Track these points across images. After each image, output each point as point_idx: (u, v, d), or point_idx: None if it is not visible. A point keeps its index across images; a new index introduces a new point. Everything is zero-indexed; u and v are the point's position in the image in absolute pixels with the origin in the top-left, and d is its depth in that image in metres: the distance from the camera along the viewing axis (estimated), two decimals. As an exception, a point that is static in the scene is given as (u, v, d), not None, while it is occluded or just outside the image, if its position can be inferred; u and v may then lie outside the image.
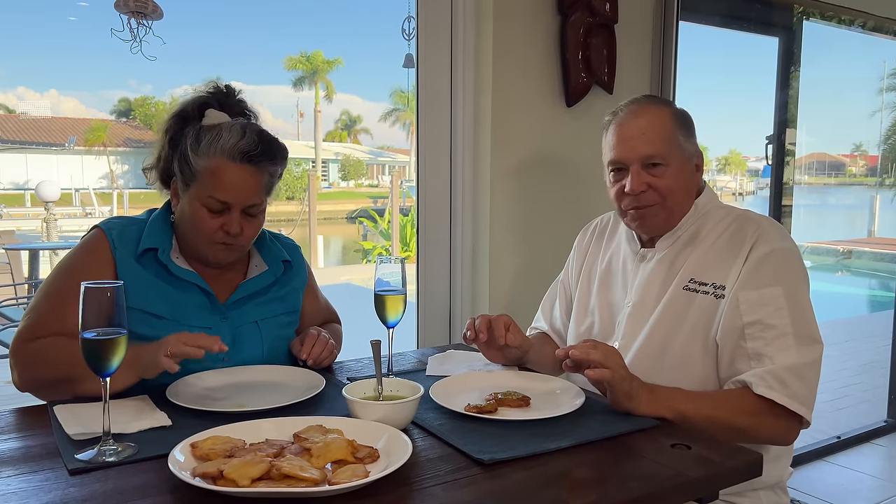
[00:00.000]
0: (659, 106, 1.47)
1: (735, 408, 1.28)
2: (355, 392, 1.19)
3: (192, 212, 1.41)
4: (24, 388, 1.37)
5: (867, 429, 3.60)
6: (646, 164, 1.42)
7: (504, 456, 1.04)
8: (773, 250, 1.36)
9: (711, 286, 1.38)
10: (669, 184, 1.42)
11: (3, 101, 29.20)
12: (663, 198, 1.43)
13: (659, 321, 1.43)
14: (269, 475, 0.91)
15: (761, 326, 1.30)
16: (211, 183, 1.38)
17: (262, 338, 1.51)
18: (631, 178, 1.43)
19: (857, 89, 7.85)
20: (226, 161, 1.38)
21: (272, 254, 1.59)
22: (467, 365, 1.56)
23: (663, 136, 1.42)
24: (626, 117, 1.45)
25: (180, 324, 1.40)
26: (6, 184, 23.87)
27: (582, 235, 1.76)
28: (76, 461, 1.01)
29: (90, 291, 1.01)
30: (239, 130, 1.40)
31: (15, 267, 6.75)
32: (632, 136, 1.43)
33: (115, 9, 2.17)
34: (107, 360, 1.02)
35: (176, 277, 1.44)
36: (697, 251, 1.44)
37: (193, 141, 1.40)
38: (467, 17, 2.21)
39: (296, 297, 1.62)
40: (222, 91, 1.50)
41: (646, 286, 1.48)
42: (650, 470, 1.03)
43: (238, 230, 1.41)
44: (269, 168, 1.44)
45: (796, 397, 1.26)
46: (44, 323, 1.37)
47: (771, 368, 1.27)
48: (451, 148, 2.28)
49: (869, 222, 17.35)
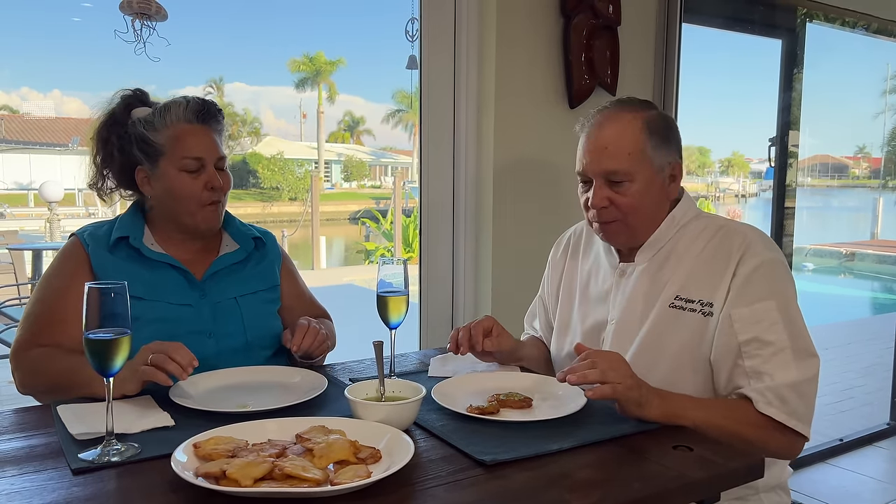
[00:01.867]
0: (631, 112, 1.39)
1: (742, 419, 1.26)
2: (357, 393, 1.19)
3: (172, 182, 1.49)
4: (25, 393, 1.43)
5: (870, 431, 3.59)
6: (609, 180, 1.38)
7: (506, 457, 1.04)
8: (762, 263, 1.32)
9: (699, 303, 1.35)
10: (632, 202, 1.37)
11: (6, 101, 29.30)
12: (624, 215, 1.39)
13: (645, 340, 1.39)
14: (272, 475, 0.91)
15: (758, 344, 1.28)
16: (179, 147, 1.49)
17: (242, 314, 1.54)
18: (593, 192, 1.40)
19: (860, 92, 7.85)
20: (184, 125, 1.50)
21: (241, 233, 1.65)
22: (470, 366, 1.56)
23: (629, 148, 1.36)
24: (593, 129, 1.41)
25: (160, 302, 1.46)
26: (10, 184, 23.91)
27: (555, 250, 1.72)
28: (80, 461, 1.01)
29: (93, 292, 1.01)
30: (182, 100, 1.52)
31: (18, 267, 6.76)
32: (596, 149, 1.39)
33: (119, 10, 2.17)
34: (110, 359, 1.02)
35: (150, 260, 1.50)
36: (681, 266, 1.40)
37: (146, 124, 1.50)
38: (471, 18, 2.22)
39: (272, 272, 1.65)
40: (139, 93, 1.58)
41: (628, 303, 1.44)
42: (652, 471, 1.03)
43: (219, 183, 1.51)
44: (217, 126, 1.56)
45: (795, 415, 1.25)
46: (39, 331, 1.43)
47: (771, 385, 1.26)
48: (454, 149, 2.28)
49: (872, 225, 17.32)
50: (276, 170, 27.80)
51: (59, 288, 1.46)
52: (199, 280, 1.53)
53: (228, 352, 1.49)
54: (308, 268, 13.59)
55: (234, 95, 37.85)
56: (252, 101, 43.73)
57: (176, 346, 1.25)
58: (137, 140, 1.50)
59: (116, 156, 1.53)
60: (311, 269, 13.41)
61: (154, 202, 1.54)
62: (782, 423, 1.25)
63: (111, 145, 1.53)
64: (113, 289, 1.02)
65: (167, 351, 1.24)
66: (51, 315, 1.43)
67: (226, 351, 1.49)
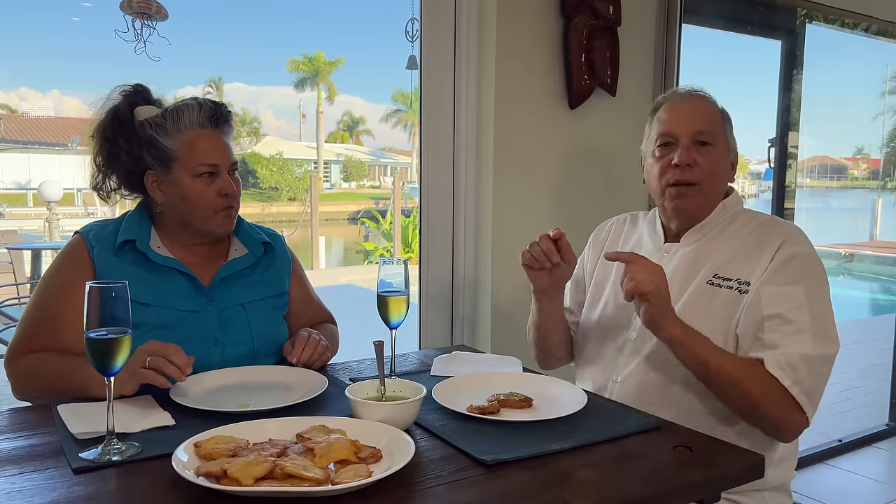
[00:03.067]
0: (707, 97, 1.53)
1: (751, 375, 1.30)
2: (358, 392, 1.19)
3: (187, 189, 1.46)
4: (21, 398, 1.40)
5: (869, 432, 3.59)
6: (696, 141, 1.46)
7: (507, 457, 1.04)
8: (799, 253, 1.38)
9: (736, 281, 1.40)
10: (713, 165, 1.46)
11: (5, 100, 29.24)
12: (704, 178, 1.46)
13: (680, 314, 1.42)
14: (273, 475, 0.91)
15: (780, 320, 1.32)
16: (194, 154, 1.45)
17: (250, 321, 1.53)
18: (680, 151, 1.46)
19: (859, 93, 7.82)
20: (198, 131, 1.47)
21: (251, 238, 1.62)
22: (472, 366, 1.56)
23: (714, 120, 1.49)
24: (681, 98, 1.52)
25: (167, 308, 1.43)
26: (9, 183, 23.87)
27: (598, 231, 1.77)
28: (80, 460, 1.01)
29: (94, 291, 1.01)
30: (194, 104, 1.47)
31: (17, 267, 6.75)
32: (686, 112, 1.48)
33: (119, 9, 2.17)
34: (111, 359, 1.02)
35: (156, 265, 1.47)
36: (724, 249, 1.46)
37: (157, 128, 1.45)
38: (470, 19, 2.22)
39: (280, 279, 1.63)
40: (140, 89, 1.53)
41: (668, 279, 1.47)
42: (652, 471, 1.03)
43: (233, 189, 1.49)
44: (228, 129, 1.53)
45: (801, 384, 1.27)
46: (33, 336, 1.40)
47: (784, 351, 1.29)
48: (454, 150, 2.28)
49: (871, 226, 17.30)
50: (275, 170, 27.78)
51: (59, 292, 1.42)
52: (207, 286, 1.50)
53: (234, 359, 1.48)
54: (308, 268, 13.49)
55: (233, 95, 37.83)
56: (251, 101, 43.70)
57: (173, 348, 1.24)
58: (147, 144, 1.46)
59: (125, 159, 1.48)
60: (311, 270, 13.40)
61: (165, 207, 1.50)
62: (783, 392, 1.27)
63: (118, 147, 1.48)
64: (114, 288, 1.02)
65: (165, 353, 1.23)
66: (49, 321, 1.40)
67: (232, 358, 1.48)
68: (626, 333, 1.52)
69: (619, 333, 1.54)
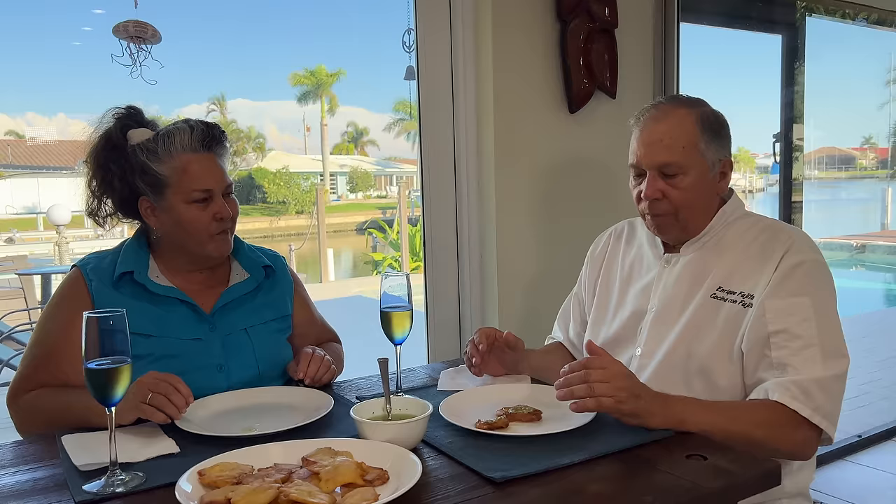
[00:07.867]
0: (686, 108, 1.42)
1: (752, 420, 1.24)
2: (363, 412, 1.18)
3: (181, 214, 1.44)
4: (24, 435, 1.38)
5: (889, 426, 3.54)
6: (662, 172, 1.40)
7: (516, 473, 1.02)
8: (804, 261, 1.33)
9: (739, 294, 1.36)
10: (684, 195, 1.40)
11: (13, 126, 29.53)
12: (676, 209, 1.41)
13: (685, 329, 1.40)
14: (278, 502, 0.90)
15: (787, 336, 1.28)
16: (186, 180, 1.43)
17: (254, 346, 1.51)
18: (646, 183, 1.42)
19: (864, 82, 7.76)
20: (190, 155, 1.43)
21: (251, 261, 1.60)
22: (479, 380, 1.54)
23: (683, 142, 1.39)
24: (648, 122, 1.43)
25: (169, 338, 1.42)
26: (19, 208, 24.07)
27: (594, 246, 1.73)
28: (84, 493, 1.00)
29: (91, 321, 1.00)
30: (185, 127, 1.45)
31: (28, 292, 6.78)
32: (651, 141, 1.41)
33: (113, 34, 2.18)
34: (111, 389, 1.02)
35: (156, 295, 1.45)
36: (726, 259, 1.41)
37: (148, 153, 1.43)
38: (466, 27, 2.20)
39: (283, 302, 1.62)
40: (132, 111, 1.51)
41: (671, 293, 1.45)
42: (666, 482, 1.01)
43: (228, 213, 1.47)
44: (222, 151, 1.50)
45: (820, 410, 1.23)
46: (34, 375, 1.40)
47: (795, 379, 1.24)
48: (455, 159, 2.27)
49: (882, 215, 17.16)
50: (281, 184, 27.89)
51: (59, 329, 1.41)
52: (209, 312, 1.49)
53: (240, 384, 1.46)
54: (316, 280, 13.59)
55: (238, 112, 37.99)
56: (255, 116, 43.81)
57: (173, 380, 1.23)
58: (140, 170, 1.44)
59: (118, 185, 1.47)
60: (320, 282, 13.41)
61: (160, 233, 1.48)
62: (798, 421, 1.23)
63: (111, 174, 1.47)
64: (111, 317, 1.01)
65: (166, 391, 1.21)
66: (50, 358, 1.39)
67: (237, 384, 1.46)
68: (631, 349, 1.49)
69: (625, 350, 1.51)
